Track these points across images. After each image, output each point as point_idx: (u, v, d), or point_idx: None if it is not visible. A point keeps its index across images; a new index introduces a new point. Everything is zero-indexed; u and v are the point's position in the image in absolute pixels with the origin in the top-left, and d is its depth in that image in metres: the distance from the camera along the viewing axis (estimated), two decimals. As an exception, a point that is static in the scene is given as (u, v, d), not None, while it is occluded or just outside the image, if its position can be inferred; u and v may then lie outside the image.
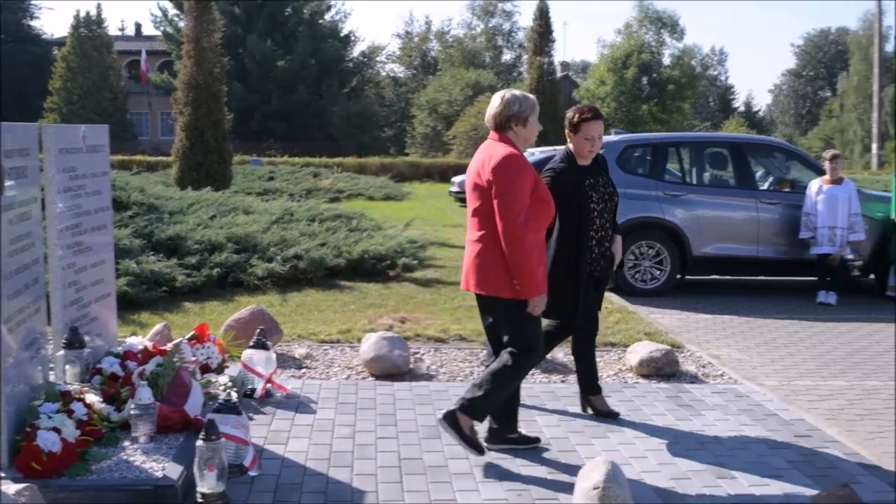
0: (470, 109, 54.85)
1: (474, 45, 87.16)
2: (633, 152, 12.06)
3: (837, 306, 10.79)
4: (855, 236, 10.97)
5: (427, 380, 6.88)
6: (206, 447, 4.28)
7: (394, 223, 15.46)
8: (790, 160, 12.92)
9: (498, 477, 4.91)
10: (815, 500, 4.10)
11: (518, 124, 5.11)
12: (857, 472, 5.16)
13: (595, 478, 4.19)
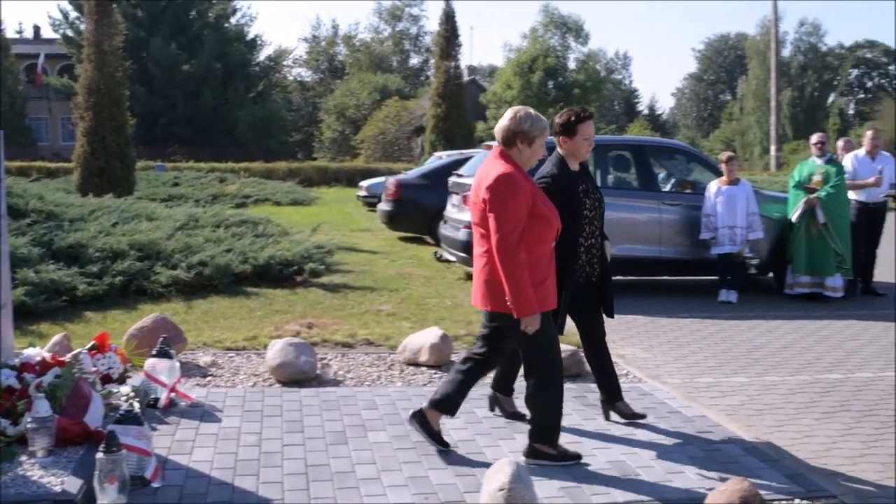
0: (377, 114, 54.91)
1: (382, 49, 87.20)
2: (539, 156, 12.16)
3: (738, 304, 11.06)
4: (754, 235, 11.27)
5: (334, 385, 6.84)
6: (106, 459, 4.19)
7: (301, 228, 15.38)
8: (691, 162, 13.20)
9: (405, 481, 4.91)
10: (714, 495, 4.19)
11: (524, 142, 5.07)
12: (757, 466, 5.29)
13: (501, 479, 4.22)
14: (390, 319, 9.32)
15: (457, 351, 7.84)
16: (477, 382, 5.60)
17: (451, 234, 12.05)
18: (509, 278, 4.88)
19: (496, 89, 60.69)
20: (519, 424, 5.93)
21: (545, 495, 4.72)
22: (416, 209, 16.77)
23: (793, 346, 8.89)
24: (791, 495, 4.84)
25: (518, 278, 4.87)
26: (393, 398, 6.50)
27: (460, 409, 6.15)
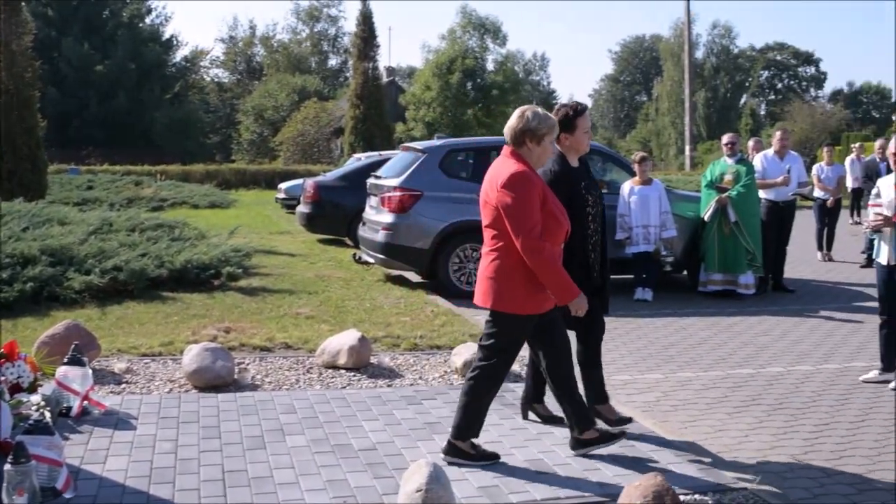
0: (296, 115, 54.50)
1: (300, 50, 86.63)
2: (457, 156, 12.26)
3: (653, 302, 11.24)
4: (667, 233, 11.49)
5: (252, 390, 6.79)
6: (14, 471, 4.11)
7: (219, 231, 15.22)
8: (606, 162, 13.36)
9: (323, 485, 4.89)
10: (629, 490, 4.26)
11: (533, 141, 5.07)
12: (671, 460, 5.39)
13: (418, 480, 4.24)
14: (309, 322, 9.28)
15: (375, 352, 7.85)
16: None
17: (370, 235, 12.04)
18: (543, 272, 4.92)
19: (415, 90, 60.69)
20: (438, 426, 5.95)
21: (463, 495, 4.75)
22: (334, 211, 16.71)
23: (706, 342, 9.08)
24: (704, 488, 4.95)
25: (552, 269, 4.91)
26: (311, 401, 6.47)
27: (378, 412, 6.18)
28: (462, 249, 11.41)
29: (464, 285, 11.42)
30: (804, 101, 74.44)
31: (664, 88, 79.08)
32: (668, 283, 12.41)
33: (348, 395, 6.70)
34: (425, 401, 6.56)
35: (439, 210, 11.39)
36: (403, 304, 10.51)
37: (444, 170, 11.70)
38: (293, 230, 19.51)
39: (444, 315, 9.76)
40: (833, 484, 5.21)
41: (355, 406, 6.37)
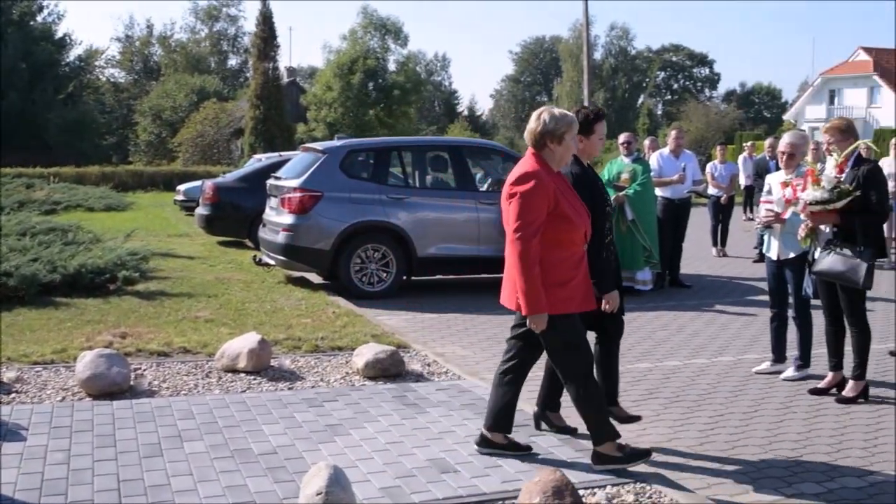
0: (195, 116, 53.66)
1: (199, 49, 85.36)
2: (357, 157, 12.20)
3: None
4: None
5: (149, 396, 6.64)
6: None
7: (115, 235, 14.90)
8: (507, 162, 13.46)
9: (222, 491, 4.81)
10: (528, 486, 4.28)
11: (553, 142, 5.06)
12: (571, 455, 5.45)
13: (318, 483, 4.20)
14: (208, 326, 9.13)
15: (276, 355, 7.76)
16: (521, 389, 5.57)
17: (271, 237, 11.91)
18: (522, 273, 4.90)
19: (316, 91, 60.31)
20: (339, 427, 5.91)
21: (365, 497, 4.72)
22: (234, 213, 16.50)
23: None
24: (603, 482, 5.01)
25: (528, 274, 4.88)
26: (210, 406, 6.36)
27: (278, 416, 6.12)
28: (363, 250, 11.36)
29: (365, 286, 11.38)
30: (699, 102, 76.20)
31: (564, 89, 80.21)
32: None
33: (248, 398, 6.61)
34: (326, 403, 6.51)
35: (340, 211, 11.32)
36: (304, 306, 10.42)
37: (345, 170, 11.64)
38: (192, 232, 19.19)
39: (345, 316, 9.71)
40: (728, 472, 5.33)
41: (255, 410, 6.29)
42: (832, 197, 6.64)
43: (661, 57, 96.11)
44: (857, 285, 6.63)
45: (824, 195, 6.66)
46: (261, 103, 40.45)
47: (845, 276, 6.67)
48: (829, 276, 6.82)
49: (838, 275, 6.73)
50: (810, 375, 7.46)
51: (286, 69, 63.93)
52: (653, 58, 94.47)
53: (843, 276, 6.69)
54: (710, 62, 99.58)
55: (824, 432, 6.14)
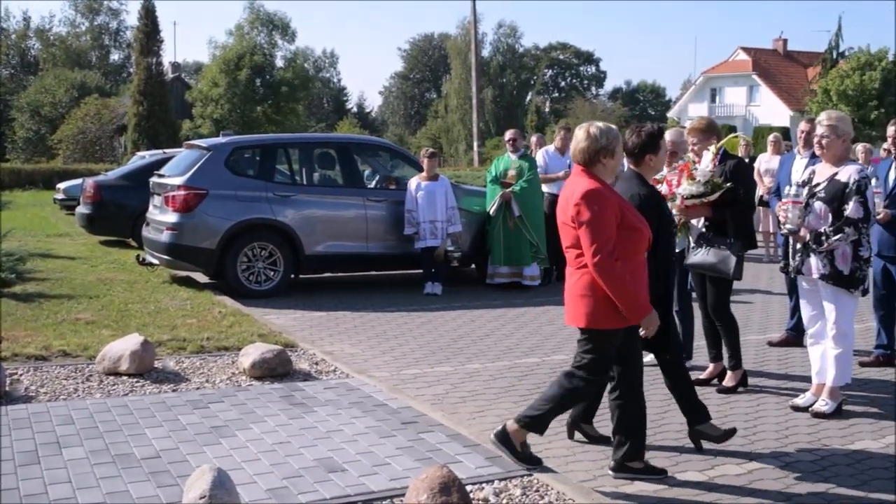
0: (76, 112, 52.23)
1: (79, 44, 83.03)
2: (243, 154, 12.04)
3: (443, 296, 11.40)
4: (453, 228, 11.68)
5: (25, 402, 6.41)
6: None
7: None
8: (395, 159, 13.47)
9: (102, 497, 4.68)
10: (416, 483, 4.28)
11: (606, 157, 5.02)
12: (459, 451, 5.48)
13: (201, 486, 4.12)
14: (89, 328, 8.88)
15: (159, 357, 7.60)
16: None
17: (154, 236, 11.65)
18: (614, 289, 4.85)
19: (202, 87, 59.37)
20: (225, 430, 5.82)
21: (251, 499, 4.66)
22: (117, 211, 16.10)
23: (494, 333, 9.28)
24: (491, 476, 5.05)
25: (623, 288, 4.86)
26: (91, 411, 6.19)
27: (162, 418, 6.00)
28: (250, 248, 11.20)
29: (252, 285, 11.22)
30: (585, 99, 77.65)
31: (452, 86, 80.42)
32: (457, 277, 12.62)
33: (131, 402, 6.45)
34: (212, 404, 6.40)
35: (226, 209, 11.14)
36: (190, 306, 10.23)
37: (231, 168, 11.45)
38: (73, 232, 18.65)
39: (232, 316, 9.56)
40: (612, 465, 5.41)
41: (138, 413, 6.15)
42: (706, 190, 6.81)
43: (548, 55, 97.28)
44: (728, 276, 6.79)
45: (699, 189, 6.82)
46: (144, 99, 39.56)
47: (717, 267, 6.81)
48: (702, 269, 6.96)
49: (710, 267, 6.86)
50: (693, 367, 7.64)
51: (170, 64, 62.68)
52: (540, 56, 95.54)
53: (714, 267, 6.83)
54: (597, 60, 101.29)
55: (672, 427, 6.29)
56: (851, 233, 6.14)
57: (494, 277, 12.04)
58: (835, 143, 6.33)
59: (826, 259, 6.24)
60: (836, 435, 6.01)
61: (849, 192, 6.18)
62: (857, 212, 6.14)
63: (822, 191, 6.32)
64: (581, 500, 4.73)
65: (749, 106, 67.88)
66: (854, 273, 6.24)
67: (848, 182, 6.20)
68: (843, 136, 6.34)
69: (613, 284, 4.85)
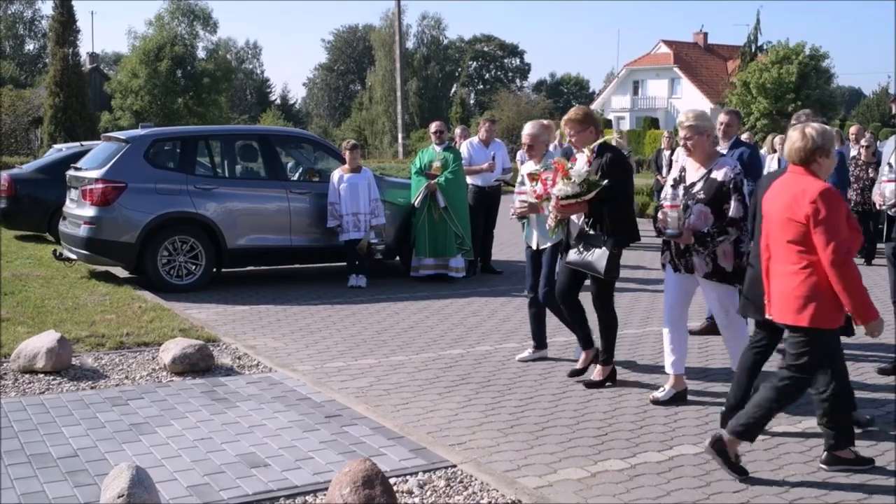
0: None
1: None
2: (163, 146, 11.82)
3: (367, 289, 11.35)
4: (376, 220, 11.64)
5: (-64, 401, 6.24)
6: None
7: None
8: (318, 151, 13.37)
9: (18, 499, 4.57)
10: (338, 477, 4.25)
11: (822, 156, 5.04)
12: (383, 444, 5.46)
13: (119, 485, 4.04)
14: (4, 325, 8.64)
15: (77, 354, 7.45)
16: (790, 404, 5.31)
17: (72, 230, 11.39)
18: (850, 288, 4.81)
19: (122, 78, 58.35)
20: (145, 426, 5.72)
21: (171, 496, 4.59)
22: (33, 205, 15.75)
23: (418, 325, 9.27)
24: (414, 468, 5.05)
25: (858, 288, 4.82)
26: (5, 410, 6.04)
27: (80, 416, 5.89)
28: (171, 242, 11.01)
29: (174, 279, 11.05)
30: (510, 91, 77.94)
31: (377, 78, 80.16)
32: (382, 269, 12.59)
33: (47, 400, 6.31)
34: (132, 401, 6.30)
35: (146, 202, 10.94)
36: (109, 302, 10.03)
37: (150, 160, 11.25)
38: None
39: (152, 310, 9.40)
40: (536, 454, 5.45)
41: (55, 412, 6.02)
42: (582, 190, 6.65)
43: (473, 47, 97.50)
44: (600, 275, 6.74)
45: (575, 189, 6.65)
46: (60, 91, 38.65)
47: (591, 266, 6.77)
48: (578, 266, 6.90)
49: (585, 265, 6.83)
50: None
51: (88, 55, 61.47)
52: (465, 48, 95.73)
53: (589, 266, 6.79)
54: (521, 53, 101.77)
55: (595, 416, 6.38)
56: (734, 232, 6.13)
57: (419, 269, 12.03)
58: (700, 141, 6.25)
59: (709, 258, 6.21)
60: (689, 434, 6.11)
61: (727, 192, 6.13)
62: (739, 211, 6.09)
63: (700, 192, 6.23)
64: (504, 491, 4.75)
65: (671, 98, 68.94)
66: (736, 269, 6.21)
67: (725, 181, 6.14)
68: (705, 133, 6.27)
69: (849, 284, 4.84)
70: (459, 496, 4.71)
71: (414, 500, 4.65)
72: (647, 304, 10.44)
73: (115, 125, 50.32)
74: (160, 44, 57.18)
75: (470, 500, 4.66)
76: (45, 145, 36.31)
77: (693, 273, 6.34)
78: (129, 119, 53.49)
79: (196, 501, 4.57)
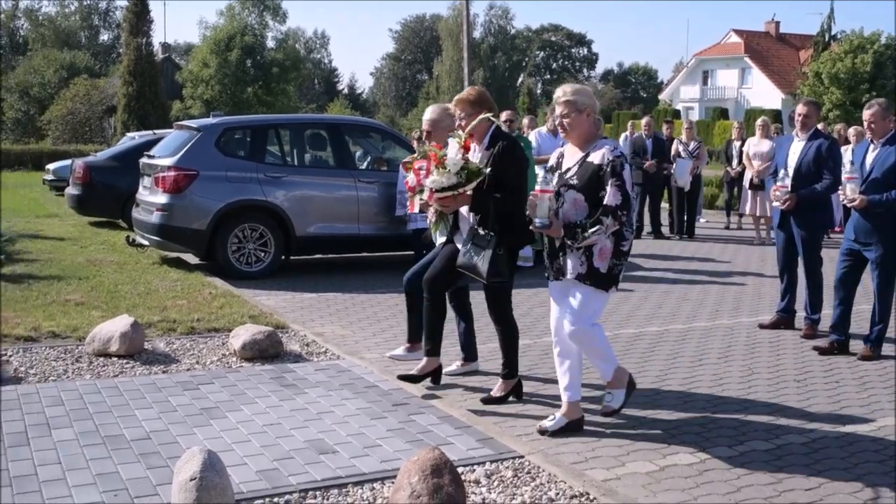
0: (65, 92, 51.92)
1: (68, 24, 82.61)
2: (234, 135, 11.95)
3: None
4: (444, 210, 11.60)
5: (15, 383, 6.37)
6: None
7: (-22, 216, 14.27)
8: (386, 140, 13.41)
9: (92, 479, 4.65)
10: (407, 465, 4.26)
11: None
12: (450, 433, 5.46)
13: (191, 468, 4.09)
14: (79, 309, 8.83)
15: (149, 338, 7.57)
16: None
17: (144, 217, 11.59)
18: None
19: (192, 68, 59.16)
20: (215, 411, 5.80)
21: (241, 480, 4.64)
22: (107, 192, 16.04)
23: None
24: (482, 458, 5.04)
25: None
26: (80, 392, 6.16)
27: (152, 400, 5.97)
28: (241, 230, 11.15)
29: (243, 266, 11.18)
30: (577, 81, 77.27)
31: (444, 67, 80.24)
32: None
33: (120, 383, 6.42)
34: (202, 385, 6.38)
35: (216, 190, 11.09)
36: (180, 287, 10.18)
37: (221, 148, 11.39)
38: (62, 213, 18.58)
39: (222, 297, 9.52)
40: (603, 447, 5.40)
41: (128, 395, 6.12)
42: (459, 180, 5.83)
43: (540, 36, 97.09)
44: (482, 279, 5.96)
45: (451, 180, 5.82)
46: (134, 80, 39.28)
47: (475, 269, 5.96)
48: (465, 269, 6.07)
49: (470, 268, 6.01)
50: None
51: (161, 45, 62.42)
52: (532, 37, 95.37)
53: (474, 269, 5.97)
54: (589, 42, 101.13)
55: (663, 410, 6.30)
56: (611, 223, 5.24)
57: (486, 259, 11.96)
58: (578, 119, 5.42)
59: (584, 256, 5.36)
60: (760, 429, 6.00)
61: (604, 176, 5.29)
62: (615, 198, 5.24)
63: (573, 177, 5.41)
64: (572, 483, 4.72)
65: (741, 88, 67.83)
66: (612, 270, 5.40)
67: (602, 164, 5.31)
68: (585, 110, 5.44)
69: None
70: (527, 486, 4.69)
71: (481, 490, 4.64)
72: (717, 296, 10.30)
73: (186, 114, 51.03)
74: (231, 34, 57.82)
75: (537, 491, 4.64)
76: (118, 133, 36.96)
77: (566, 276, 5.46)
78: (199, 108, 54.23)
79: (265, 486, 4.61)
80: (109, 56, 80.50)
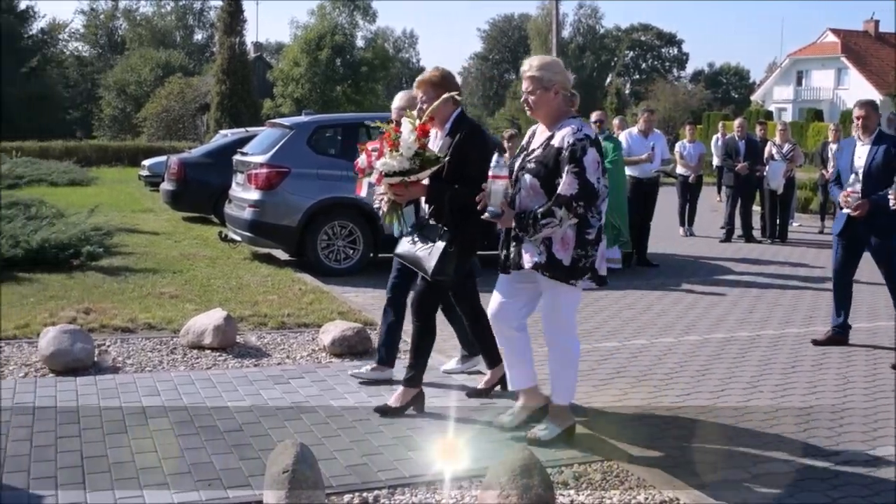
0: (160, 91, 53.17)
1: (164, 23, 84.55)
2: (325, 133, 12.10)
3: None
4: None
5: (113, 373, 6.55)
6: None
7: (78, 210, 14.67)
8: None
9: (187, 468, 4.76)
10: (496, 465, 4.26)
11: None
12: (538, 434, 5.43)
13: (284, 461, 4.15)
14: (173, 302, 9.03)
15: (241, 332, 7.70)
16: None
17: (237, 213, 11.80)
18: None
19: (283, 66, 60.00)
20: (305, 404, 5.87)
21: (331, 474, 4.69)
22: (200, 188, 16.36)
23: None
24: (570, 460, 5.01)
25: None
26: (175, 383, 6.30)
27: (244, 392, 6.05)
28: (330, 227, 11.29)
29: (332, 263, 11.32)
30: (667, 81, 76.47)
31: (532, 67, 79.98)
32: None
33: (213, 375, 6.55)
34: (293, 380, 6.47)
35: (307, 187, 11.24)
36: (271, 283, 10.34)
37: (313, 146, 11.54)
38: (157, 208, 19.02)
39: (311, 293, 9.64)
40: (694, 452, 5.34)
41: (221, 387, 6.23)
42: (412, 166, 5.33)
43: (629, 36, 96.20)
44: (427, 274, 5.48)
45: (403, 164, 5.31)
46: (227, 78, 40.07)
47: (420, 263, 5.53)
48: (406, 260, 5.72)
49: (414, 260, 5.59)
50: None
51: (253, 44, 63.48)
52: (621, 37, 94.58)
53: (417, 262, 5.56)
54: (679, 42, 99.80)
55: (756, 415, 6.18)
56: (565, 215, 4.80)
57: (573, 260, 11.91)
58: (545, 97, 5.00)
59: (542, 245, 4.96)
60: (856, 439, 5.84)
61: (562, 161, 4.83)
62: (570, 187, 4.79)
63: (532, 160, 4.99)
64: (662, 488, 4.67)
65: (837, 89, 66.26)
66: (576, 262, 4.98)
67: (562, 147, 4.85)
68: (552, 88, 5.01)
69: None
70: (615, 490, 4.65)
71: (569, 492, 4.62)
72: (811, 302, 10.08)
73: (277, 112, 51.78)
74: (321, 33, 58.48)
75: (626, 495, 4.60)
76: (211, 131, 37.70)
77: (524, 268, 5.05)
78: (289, 106, 54.97)
79: (355, 480, 4.65)
80: (203, 55, 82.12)
